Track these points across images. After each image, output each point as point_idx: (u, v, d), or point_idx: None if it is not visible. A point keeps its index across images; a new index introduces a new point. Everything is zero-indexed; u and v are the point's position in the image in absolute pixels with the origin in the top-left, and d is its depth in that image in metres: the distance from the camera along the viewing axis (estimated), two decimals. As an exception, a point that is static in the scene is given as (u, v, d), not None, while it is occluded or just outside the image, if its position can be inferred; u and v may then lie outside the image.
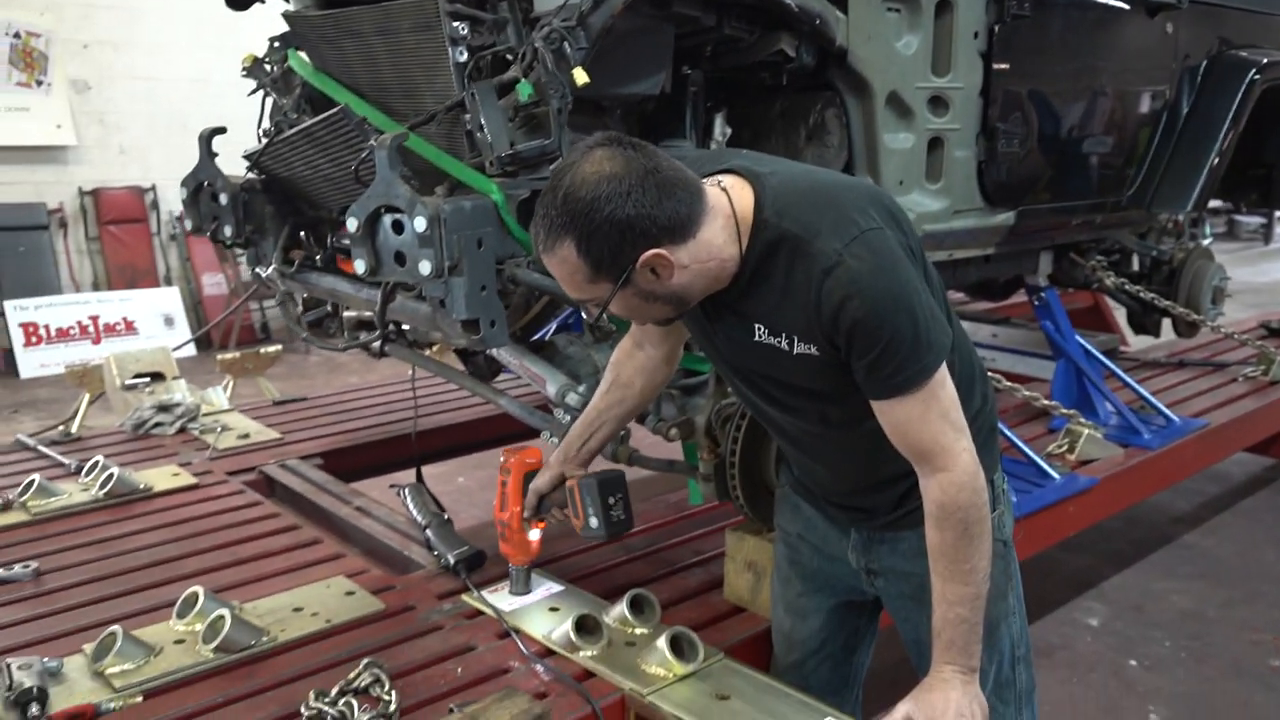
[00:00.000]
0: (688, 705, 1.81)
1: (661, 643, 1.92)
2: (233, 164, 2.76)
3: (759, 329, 1.54)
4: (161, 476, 3.00)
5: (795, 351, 1.51)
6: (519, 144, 2.04)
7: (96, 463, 2.94)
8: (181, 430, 3.51)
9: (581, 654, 1.98)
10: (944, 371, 1.48)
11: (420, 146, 2.11)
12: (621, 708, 1.86)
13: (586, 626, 2.03)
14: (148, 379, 4.03)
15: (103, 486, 2.82)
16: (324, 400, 4.00)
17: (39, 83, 7.49)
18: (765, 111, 2.74)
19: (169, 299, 7.71)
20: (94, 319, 7.37)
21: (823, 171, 1.65)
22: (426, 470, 3.01)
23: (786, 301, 1.48)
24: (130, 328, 7.44)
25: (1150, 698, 3.16)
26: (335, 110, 2.12)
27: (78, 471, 3.02)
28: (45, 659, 1.90)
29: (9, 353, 7.25)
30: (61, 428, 3.67)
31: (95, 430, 3.64)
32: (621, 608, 2.09)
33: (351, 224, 1.93)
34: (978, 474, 1.50)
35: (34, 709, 1.75)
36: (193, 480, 2.99)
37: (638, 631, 2.06)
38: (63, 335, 7.26)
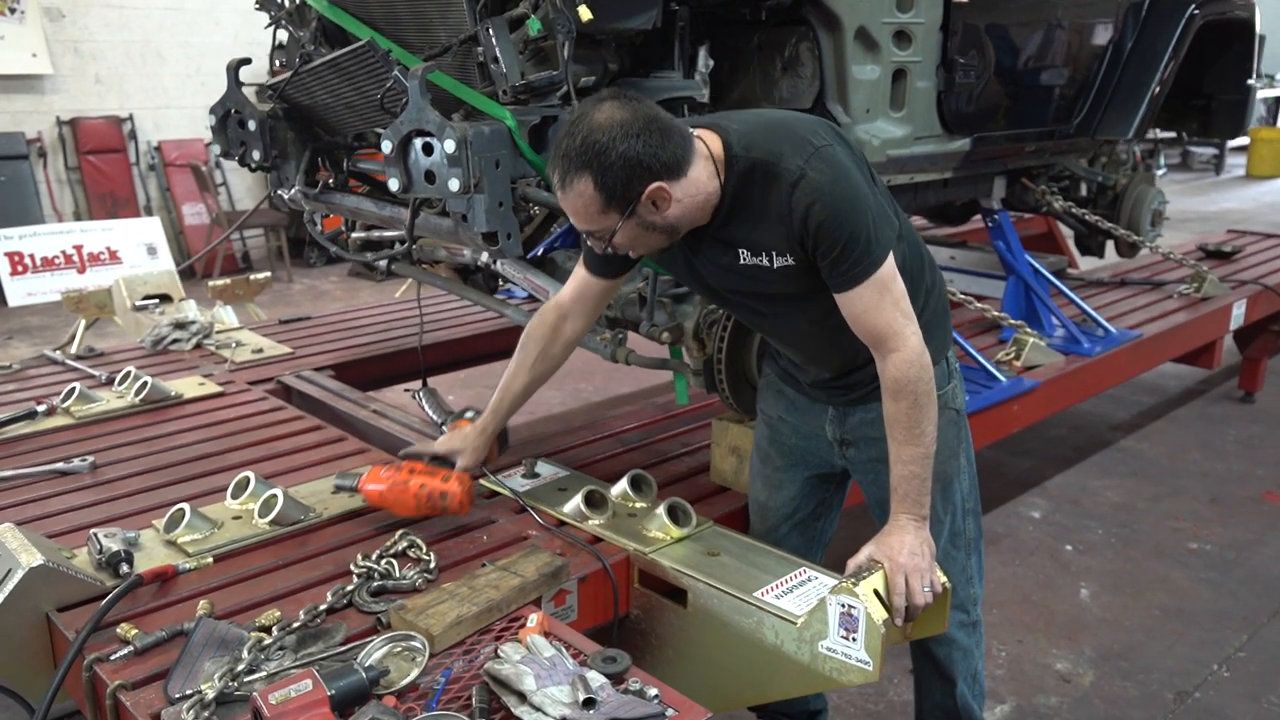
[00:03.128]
0: (684, 561, 2.11)
1: (661, 510, 2.23)
2: (205, 91, 2.93)
3: (743, 253, 1.84)
4: (189, 386, 3.25)
5: (776, 266, 1.81)
6: (530, 75, 2.28)
7: (129, 373, 3.18)
8: (197, 346, 3.74)
9: (590, 523, 2.28)
10: (893, 266, 1.78)
11: (439, 77, 2.34)
12: (627, 564, 2.17)
13: (594, 500, 2.33)
14: (156, 300, 4.25)
15: (138, 394, 3.06)
16: (327, 319, 4.24)
17: (12, 10, 7.47)
18: (744, 45, 2.98)
19: (151, 228, 7.82)
20: (78, 248, 7.49)
21: (771, 110, 1.92)
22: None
23: (764, 221, 1.77)
24: (114, 257, 7.56)
25: (1081, 575, 3.55)
26: (362, 43, 2.33)
27: (109, 382, 3.26)
28: (124, 530, 2.17)
29: (-4, 281, 7.37)
30: (59, 351, 3.86)
31: (117, 347, 3.86)
32: (624, 485, 2.39)
33: (386, 146, 2.17)
34: (923, 352, 1.81)
35: (124, 568, 2.03)
36: (219, 389, 3.24)
37: (638, 505, 2.36)
38: (48, 264, 7.38)
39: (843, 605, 1.78)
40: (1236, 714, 2.78)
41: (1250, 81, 4.56)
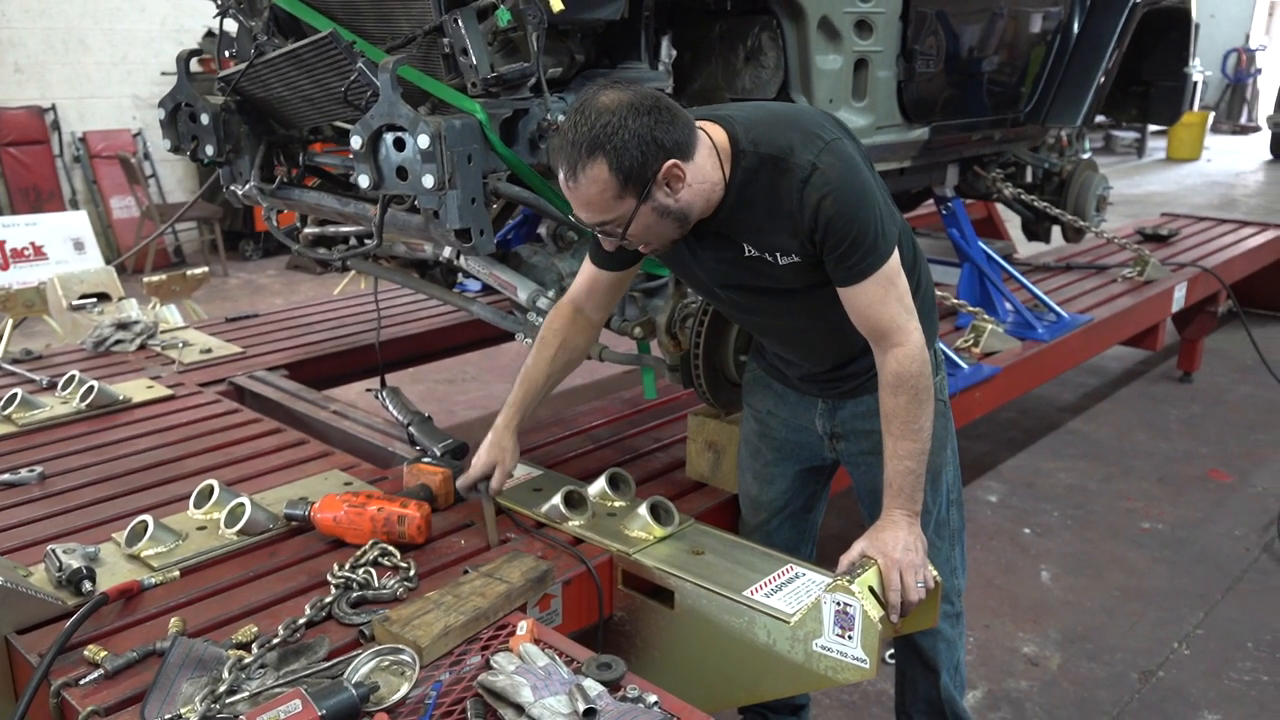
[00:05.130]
0: (669, 560, 2.09)
1: (643, 510, 2.20)
2: (131, 81, 2.78)
3: (747, 247, 1.80)
4: (137, 389, 3.12)
5: (782, 262, 1.78)
6: (500, 67, 2.22)
7: (73, 377, 3.04)
8: (142, 347, 3.59)
9: (570, 524, 2.24)
10: (898, 262, 1.77)
11: (404, 70, 2.26)
12: (610, 566, 2.14)
13: (573, 501, 2.28)
14: (94, 299, 4.09)
15: (84, 399, 2.93)
16: (276, 316, 4.11)
17: (-78, -4, 7.10)
18: (705, 34, 2.95)
19: (78, 223, 7.48)
20: (0, 244, 7.15)
21: (775, 103, 1.90)
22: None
23: (772, 218, 1.74)
24: (39, 253, 7.22)
25: (1041, 558, 3.61)
26: (324, 34, 2.24)
27: (50, 387, 3.11)
28: (83, 545, 2.07)
29: (-88, 280, 7.00)
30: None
31: (54, 349, 3.70)
32: (601, 484, 2.35)
33: (356, 142, 2.09)
34: (925, 348, 1.80)
35: (86, 585, 1.93)
36: (168, 392, 3.12)
37: (617, 504, 2.33)
38: (-32, 261, 7.04)
39: (838, 603, 1.77)
40: (1199, 691, 2.85)
41: (1187, 68, 4.67)
